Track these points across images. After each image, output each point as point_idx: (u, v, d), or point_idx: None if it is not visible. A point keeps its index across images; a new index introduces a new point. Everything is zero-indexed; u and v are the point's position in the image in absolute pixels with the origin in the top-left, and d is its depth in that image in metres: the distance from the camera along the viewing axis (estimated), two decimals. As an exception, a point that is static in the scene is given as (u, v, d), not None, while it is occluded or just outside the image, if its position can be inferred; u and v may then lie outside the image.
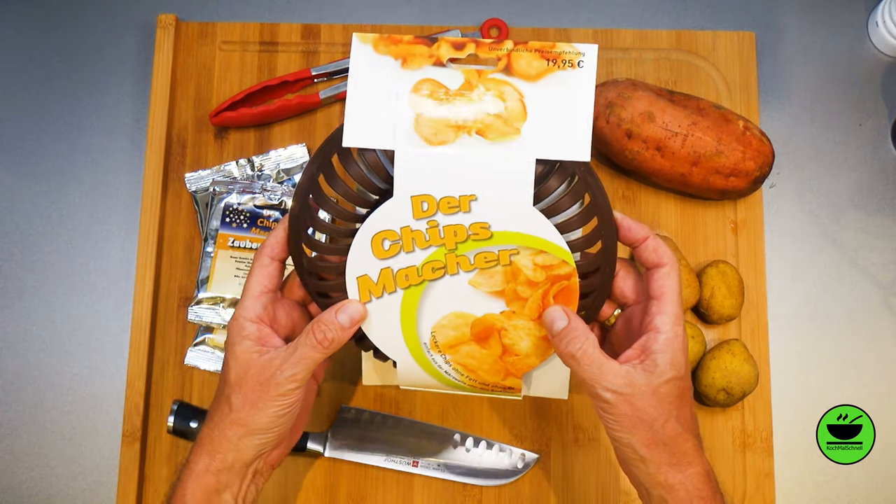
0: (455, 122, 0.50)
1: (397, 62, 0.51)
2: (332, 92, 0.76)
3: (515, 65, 0.51)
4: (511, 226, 0.51)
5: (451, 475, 0.71)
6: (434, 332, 0.55)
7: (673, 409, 0.51)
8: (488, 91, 0.51)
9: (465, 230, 0.51)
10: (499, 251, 0.52)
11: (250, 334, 0.54)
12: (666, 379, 0.50)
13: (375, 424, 0.72)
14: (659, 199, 0.75)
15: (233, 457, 0.53)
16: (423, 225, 0.51)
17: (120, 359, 0.74)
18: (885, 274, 0.76)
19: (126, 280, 0.75)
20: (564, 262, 0.52)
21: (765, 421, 0.72)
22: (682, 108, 0.70)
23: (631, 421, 0.50)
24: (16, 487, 0.73)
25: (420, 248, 0.52)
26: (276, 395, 0.53)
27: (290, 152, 0.76)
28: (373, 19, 0.80)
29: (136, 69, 0.80)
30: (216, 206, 0.73)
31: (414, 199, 0.51)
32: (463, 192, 0.50)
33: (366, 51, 0.51)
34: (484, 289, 0.53)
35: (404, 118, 0.50)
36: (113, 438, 0.73)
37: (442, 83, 0.51)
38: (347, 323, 0.53)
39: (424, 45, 0.52)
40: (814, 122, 0.78)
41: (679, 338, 0.51)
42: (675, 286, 0.52)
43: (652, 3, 0.80)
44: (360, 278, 0.53)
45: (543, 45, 0.51)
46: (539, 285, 0.53)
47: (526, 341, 0.55)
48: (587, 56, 0.51)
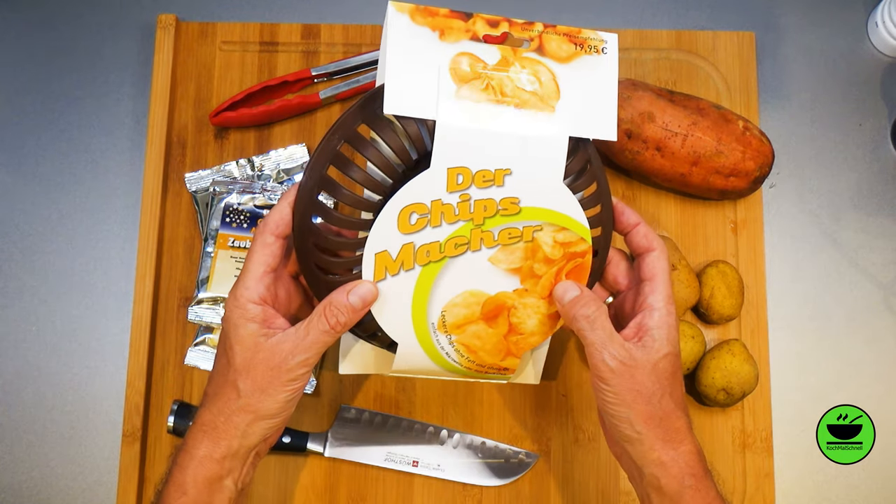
0: (494, 97, 0.51)
1: (435, 34, 0.51)
2: (332, 92, 0.76)
3: (547, 46, 0.53)
4: (540, 201, 0.52)
5: (451, 475, 0.71)
6: (445, 311, 0.54)
7: (668, 385, 0.52)
8: (524, 69, 0.52)
9: (495, 205, 0.52)
10: (523, 227, 0.53)
11: (255, 316, 0.52)
12: (663, 354, 0.52)
13: (375, 424, 0.72)
14: (659, 199, 0.75)
15: (238, 443, 0.53)
16: (455, 198, 0.51)
17: (120, 359, 0.74)
18: (885, 274, 0.76)
19: (126, 280, 0.75)
20: (583, 240, 0.54)
21: (765, 421, 0.72)
22: (682, 108, 0.70)
23: (630, 394, 0.51)
24: (16, 487, 0.73)
25: (448, 222, 0.52)
26: (287, 381, 0.52)
27: (290, 152, 0.76)
28: (373, 19, 0.80)
29: (136, 69, 0.80)
30: (216, 206, 0.73)
31: (450, 171, 0.50)
32: (499, 166, 0.51)
33: (403, 20, 0.51)
34: (503, 266, 0.54)
35: (445, 89, 0.50)
36: (113, 438, 0.73)
37: (480, 57, 0.51)
38: (360, 305, 0.52)
39: (461, 19, 0.52)
40: (814, 122, 0.78)
41: (672, 315, 0.54)
42: (665, 268, 0.55)
43: (652, 3, 0.81)
44: (378, 254, 0.52)
45: (570, 30, 0.53)
46: (555, 262, 0.54)
47: (533, 319, 0.56)
48: (609, 44, 0.54)
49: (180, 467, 0.53)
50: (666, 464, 0.52)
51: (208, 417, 0.53)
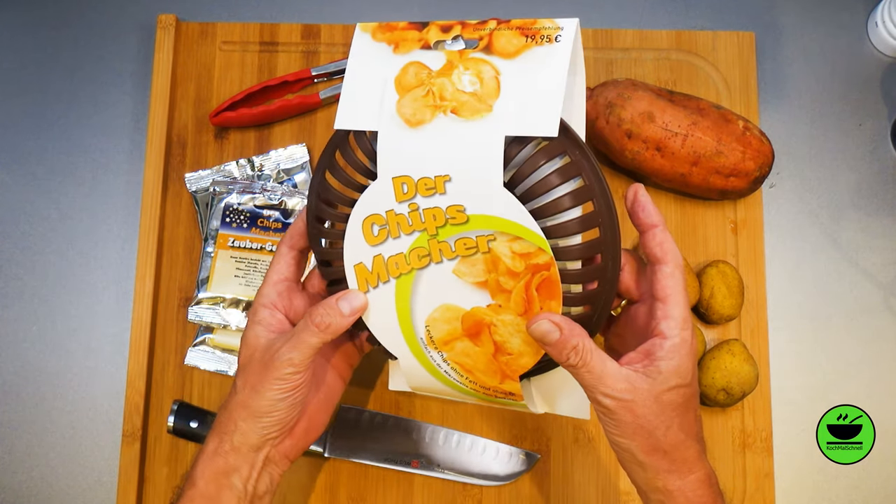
0: (433, 102, 0.50)
1: (390, 48, 0.52)
2: (332, 92, 0.76)
3: (496, 43, 0.51)
4: (484, 209, 0.50)
5: (451, 475, 0.71)
6: (428, 325, 0.54)
7: (676, 416, 0.49)
8: (467, 70, 0.50)
9: (442, 213, 0.51)
10: (476, 237, 0.50)
11: (262, 319, 0.55)
12: (670, 386, 0.48)
13: (375, 424, 0.72)
14: (659, 199, 0.75)
15: (238, 439, 0.54)
16: (406, 208, 0.51)
17: (120, 359, 0.74)
18: (885, 274, 0.76)
19: (126, 280, 0.75)
20: (541, 250, 0.50)
21: (765, 421, 0.72)
22: (682, 108, 0.70)
23: (631, 428, 0.48)
24: (16, 487, 0.73)
25: (405, 233, 0.52)
26: (274, 378, 0.53)
27: (290, 152, 0.76)
28: (373, 19, 0.79)
29: (136, 69, 0.80)
30: (216, 206, 0.73)
31: (395, 180, 0.51)
32: (437, 173, 0.50)
33: (364, 39, 0.53)
34: (468, 279, 0.52)
35: (388, 101, 0.51)
36: (113, 438, 0.73)
37: (426, 65, 0.51)
38: (347, 310, 0.53)
39: (416, 29, 0.52)
40: (814, 122, 0.78)
41: (686, 343, 0.49)
42: (679, 287, 0.50)
43: (652, 3, 0.81)
44: (356, 266, 0.53)
45: (525, 22, 0.51)
46: (520, 276, 0.51)
47: (516, 338, 0.53)
48: (566, 30, 0.50)
49: (194, 462, 0.55)
50: (672, 493, 0.49)
51: (218, 416, 0.56)
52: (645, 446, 0.49)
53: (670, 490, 0.50)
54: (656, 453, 0.49)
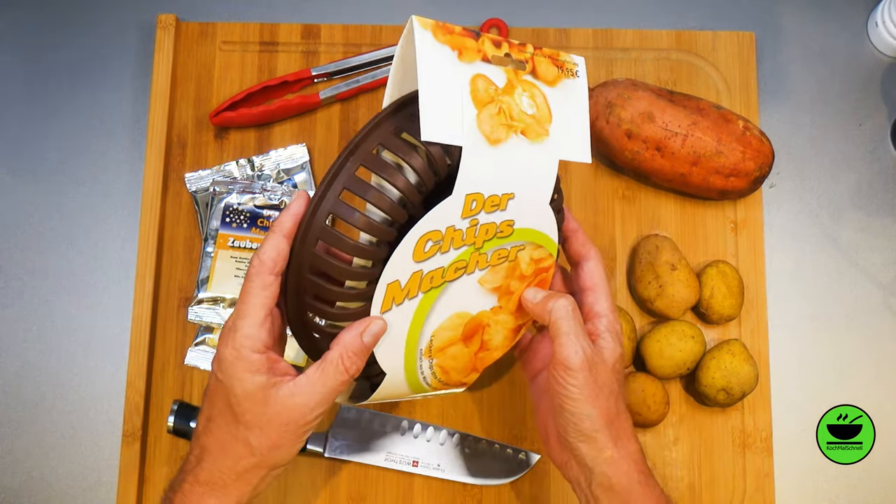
0: (506, 122, 0.51)
1: (454, 53, 0.50)
2: (332, 92, 0.76)
3: (538, 69, 0.53)
4: (530, 223, 0.53)
5: (451, 475, 0.71)
6: (434, 335, 0.55)
7: (618, 386, 0.54)
8: (525, 92, 0.52)
9: (495, 228, 0.52)
10: (511, 247, 0.54)
11: (260, 367, 0.49)
12: (617, 355, 0.55)
13: (375, 424, 0.72)
14: (659, 199, 0.75)
15: (248, 496, 0.51)
16: (466, 224, 0.51)
17: (120, 359, 0.74)
18: (885, 274, 0.76)
19: (126, 280, 0.75)
20: (550, 255, 0.56)
21: (764, 421, 0.72)
22: (682, 108, 0.70)
23: (594, 390, 0.52)
24: (16, 487, 0.73)
25: (455, 248, 0.52)
26: (302, 434, 0.50)
27: (291, 152, 0.76)
28: (373, 19, 0.80)
29: (136, 69, 0.80)
30: (216, 206, 0.73)
31: (468, 197, 0.50)
32: (505, 191, 0.51)
33: (427, 37, 0.49)
34: (488, 286, 0.55)
35: (468, 114, 0.49)
36: (113, 438, 0.73)
37: (492, 80, 0.51)
38: (372, 343, 0.51)
39: (472, 38, 0.51)
40: (814, 122, 0.78)
41: (618, 322, 0.56)
42: (604, 275, 0.57)
43: (652, 3, 0.81)
44: (390, 284, 0.51)
45: (552, 53, 0.54)
46: (527, 279, 0.56)
47: (500, 335, 0.58)
48: (580, 67, 0.55)
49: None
50: (617, 461, 0.53)
51: (215, 476, 0.50)
52: (602, 410, 0.53)
53: (615, 459, 0.53)
54: (607, 419, 0.53)
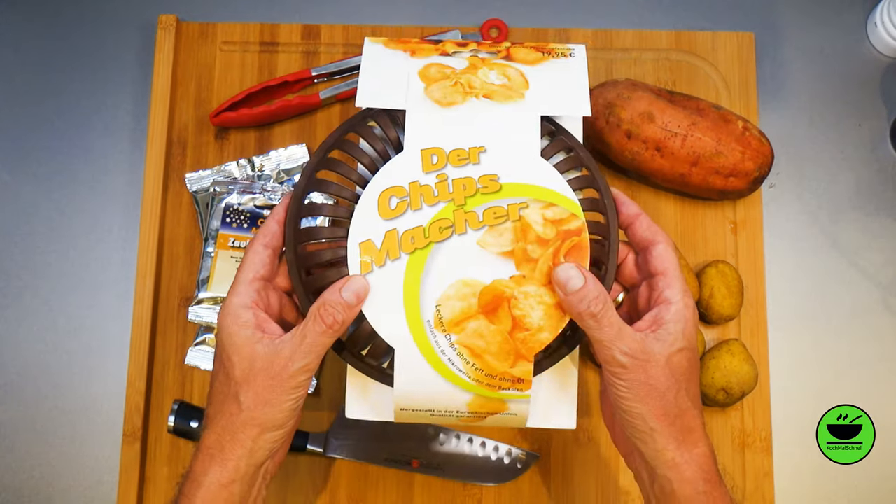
0: (463, 91, 0.52)
1: (406, 53, 0.54)
2: (332, 92, 0.76)
3: (515, 55, 0.55)
4: (520, 177, 0.51)
5: (451, 475, 0.71)
6: (439, 305, 0.51)
7: (683, 381, 0.51)
8: (492, 69, 0.53)
9: (473, 183, 0.51)
10: (508, 205, 0.51)
11: (247, 321, 0.50)
12: (678, 348, 0.50)
13: (375, 424, 0.72)
14: (659, 199, 0.75)
15: (246, 462, 0.50)
16: (433, 179, 0.51)
17: (120, 359, 0.74)
18: (885, 274, 0.76)
19: (126, 280, 0.75)
20: (574, 216, 0.51)
21: (764, 421, 0.72)
22: (682, 109, 0.70)
23: (644, 389, 0.49)
24: (16, 487, 0.73)
25: (428, 204, 0.51)
26: (289, 388, 0.50)
27: (291, 152, 0.76)
28: (373, 20, 0.80)
29: (136, 69, 0.80)
30: (216, 206, 0.73)
31: (424, 151, 0.51)
32: (473, 144, 0.51)
33: (377, 46, 0.55)
34: (493, 249, 0.51)
35: (415, 87, 0.52)
36: (113, 438, 0.73)
37: (449, 65, 0.53)
38: (353, 300, 0.50)
39: (430, 44, 0.55)
40: (813, 122, 0.78)
41: (689, 308, 0.51)
42: (675, 260, 0.53)
43: (652, 3, 0.81)
44: (362, 244, 0.50)
45: (538, 45, 0.56)
46: (550, 243, 0.51)
47: (537, 311, 0.51)
48: (577, 51, 0.56)
49: (187, 497, 0.50)
50: (680, 466, 0.50)
51: (213, 439, 0.51)
52: (657, 409, 0.50)
53: (678, 463, 0.50)
54: (667, 418, 0.50)
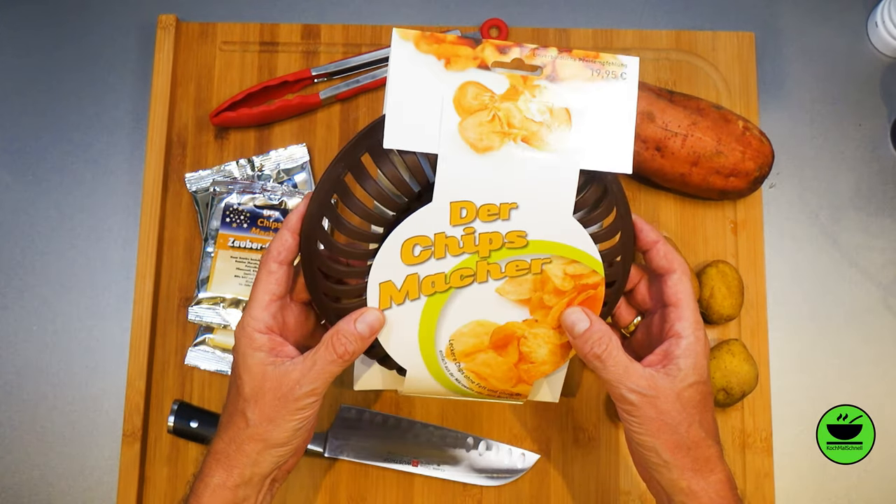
0: (500, 129, 0.48)
1: (440, 62, 0.49)
2: (332, 92, 0.76)
3: (560, 72, 0.50)
4: (548, 235, 0.51)
5: (451, 475, 0.71)
6: (453, 340, 0.54)
7: (696, 413, 0.51)
8: (534, 98, 0.49)
9: (501, 238, 0.50)
10: (531, 260, 0.51)
11: (262, 346, 0.52)
12: (689, 383, 0.51)
13: (375, 424, 0.72)
14: (659, 199, 0.75)
15: (251, 471, 0.53)
16: (459, 232, 0.50)
17: (120, 359, 0.74)
18: (885, 274, 0.76)
19: (126, 280, 0.75)
20: (594, 272, 0.52)
21: (764, 421, 0.72)
22: (682, 109, 0.70)
23: (655, 424, 0.50)
24: (16, 487, 0.73)
25: (452, 255, 0.50)
26: (294, 410, 0.52)
27: (291, 152, 0.76)
28: (373, 20, 0.80)
29: (136, 69, 0.80)
30: (216, 206, 0.73)
31: (453, 205, 0.49)
32: (504, 200, 0.49)
33: (407, 48, 0.49)
34: (511, 297, 0.52)
35: (449, 121, 0.48)
36: (113, 438, 0.73)
37: (487, 87, 0.49)
38: (367, 333, 0.52)
39: (468, 45, 0.49)
40: (814, 122, 0.78)
41: (700, 342, 0.52)
42: (689, 291, 0.53)
43: (652, 3, 0.81)
44: (382, 284, 0.51)
45: (587, 54, 0.50)
46: (566, 294, 0.53)
47: (544, 349, 0.55)
48: (629, 68, 0.51)
49: (196, 496, 0.53)
50: (696, 493, 0.51)
51: (221, 446, 0.53)
52: (669, 444, 0.50)
53: (695, 491, 0.51)
54: (680, 450, 0.50)
